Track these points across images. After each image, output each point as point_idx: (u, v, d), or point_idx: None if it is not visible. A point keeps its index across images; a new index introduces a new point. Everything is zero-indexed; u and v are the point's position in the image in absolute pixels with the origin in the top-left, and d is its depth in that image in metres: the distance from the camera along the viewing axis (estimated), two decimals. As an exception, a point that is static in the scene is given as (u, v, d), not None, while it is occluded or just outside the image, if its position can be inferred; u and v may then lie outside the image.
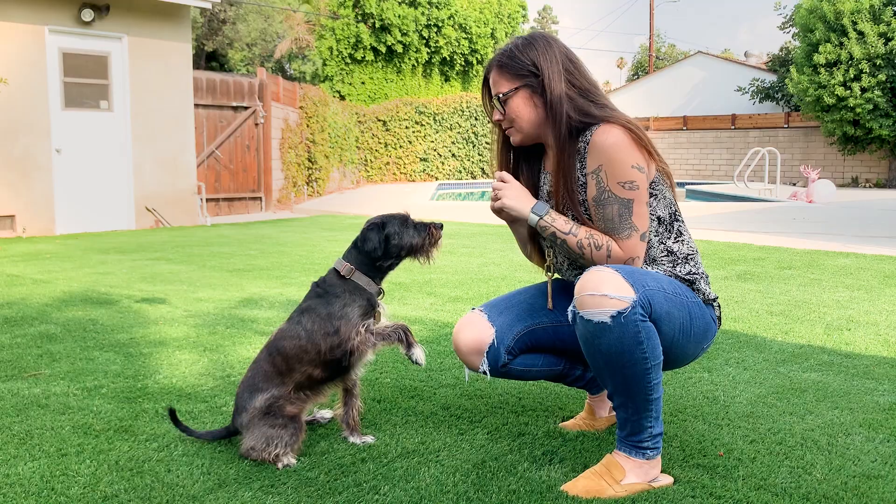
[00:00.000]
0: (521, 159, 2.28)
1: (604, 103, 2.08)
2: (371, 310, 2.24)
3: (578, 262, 2.16)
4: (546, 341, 2.28)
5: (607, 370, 1.93)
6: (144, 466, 2.13)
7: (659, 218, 2.09)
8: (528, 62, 2.08)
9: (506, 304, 2.32)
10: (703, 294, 2.10)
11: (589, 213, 2.09)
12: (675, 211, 2.13)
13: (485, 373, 2.25)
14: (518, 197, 2.11)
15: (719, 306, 2.17)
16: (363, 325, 2.21)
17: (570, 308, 1.94)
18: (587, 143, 2.03)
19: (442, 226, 2.30)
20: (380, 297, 2.30)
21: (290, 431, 2.13)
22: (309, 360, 2.20)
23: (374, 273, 2.27)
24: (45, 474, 2.07)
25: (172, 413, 2.29)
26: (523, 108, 2.10)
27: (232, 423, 2.24)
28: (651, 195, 2.07)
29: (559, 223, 2.06)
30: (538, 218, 2.08)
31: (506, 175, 2.14)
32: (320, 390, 2.28)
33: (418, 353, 2.22)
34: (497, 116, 2.17)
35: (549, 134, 2.10)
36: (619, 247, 2.03)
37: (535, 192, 2.27)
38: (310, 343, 2.20)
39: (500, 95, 2.12)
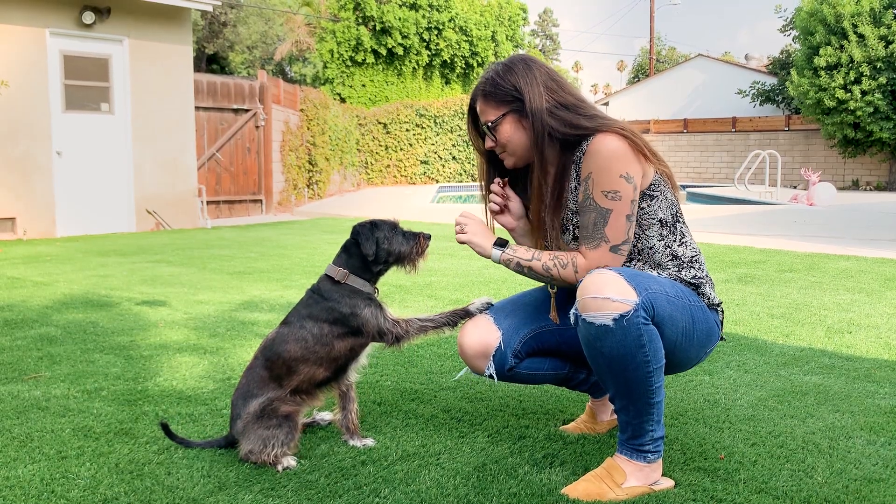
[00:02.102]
0: (507, 176, 2.29)
1: (593, 114, 2.07)
2: (378, 307, 2.26)
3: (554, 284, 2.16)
4: (551, 344, 2.27)
5: (609, 373, 1.93)
6: (145, 469, 2.12)
7: (662, 220, 2.08)
8: (510, 87, 2.10)
9: (512, 306, 2.32)
10: (708, 298, 2.09)
11: (577, 226, 2.11)
12: (678, 212, 2.12)
13: (491, 376, 2.25)
14: (480, 233, 2.17)
15: (723, 311, 2.17)
16: (388, 314, 2.26)
17: (573, 310, 1.95)
18: (583, 153, 2.04)
19: (430, 236, 2.32)
20: (376, 296, 2.31)
21: (285, 430, 2.13)
22: (316, 359, 2.21)
23: (367, 276, 2.28)
24: (45, 477, 2.07)
25: (165, 426, 2.29)
26: (513, 133, 2.12)
27: (229, 432, 2.24)
28: (651, 197, 2.06)
29: (521, 252, 2.11)
30: (500, 252, 2.13)
31: (467, 211, 2.21)
32: (316, 393, 2.28)
33: (477, 304, 2.31)
34: (489, 144, 2.19)
35: (536, 152, 2.10)
36: (585, 257, 2.04)
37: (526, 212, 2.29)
38: (319, 344, 2.21)
39: (489, 123, 2.14)
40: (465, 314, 2.30)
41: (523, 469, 2.12)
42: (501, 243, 2.14)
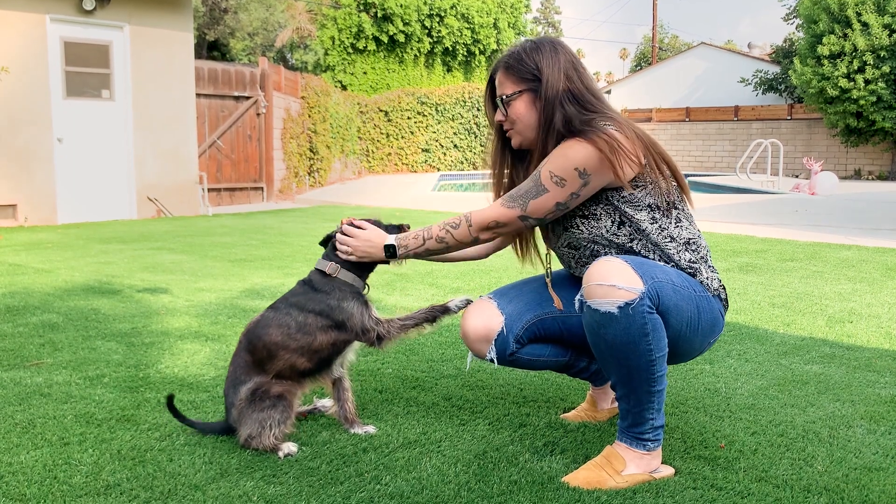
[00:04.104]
0: (515, 161, 2.29)
1: (590, 117, 2.03)
2: (366, 304, 2.25)
3: (459, 255, 2.25)
4: (554, 331, 2.28)
5: (612, 360, 1.94)
6: (146, 455, 2.13)
7: (652, 205, 2.05)
8: (532, 66, 2.09)
9: (516, 292, 2.32)
10: (706, 284, 2.07)
11: (573, 225, 2.12)
12: (674, 201, 2.09)
13: (492, 360, 2.26)
14: (368, 245, 2.22)
15: (724, 288, 2.15)
16: (374, 313, 2.24)
17: (578, 297, 1.95)
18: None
19: (409, 226, 2.33)
20: (365, 293, 2.30)
21: (279, 409, 2.14)
22: (297, 346, 2.20)
23: (358, 271, 2.28)
24: (48, 463, 2.08)
25: (170, 400, 2.29)
26: (525, 112, 2.12)
27: (226, 421, 2.25)
28: (635, 187, 2.03)
29: (410, 243, 2.18)
30: (394, 259, 2.21)
31: (347, 227, 2.26)
32: (301, 381, 2.28)
33: (456, 302, 2.29)
34: (499, 117, 2.18)
35: (541, 138, 2.10)
36: (486, 210, 2.09)
37: None
38: (300, 332, 2.20)
39: (504, 97, 2.13)
40: (444, 310, 2.29)
41: (524, 457, 2.13)
42: (391, 253, 2.20)
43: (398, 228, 2.29)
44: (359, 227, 2.26)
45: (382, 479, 1.98)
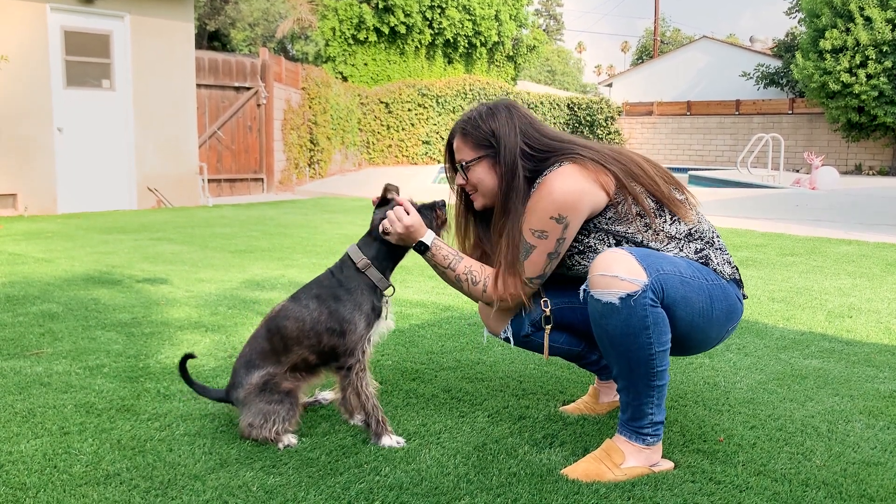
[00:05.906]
0: (479, 223, 2.33)
1: (543, 166, 2.08)
2: (376, 317, 2.23)
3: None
4: (571, 321, 2.29)
5: (612, 351, 1.94)
6: (146, 445, 2.13)
7: (641, 212, 2.04)
8: (488, 132, 2.13)
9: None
10: (721, 270, 2.05)
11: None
12: (659, 198, 2.09)
13: (507, 339, 2.30)
14: (406, 230, 2.16)
15: (738, 269, 2.13)
16: (367, 342, 2.21)
17: (583, 287, 1.98)
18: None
19: (444, 203, 2.31)
20: (388, 293, 2.27)
21: (286, 406, 2.14)
22: (308, 345, 2.20)
23: (388, 264, 2.26)
24: (48, 452, 2.08)
25: (184, 361, 2.29)
26: (485, 176, 2.16)
27: (227, 395, 2.25)
28: (616, 204, 2.04)
29: (439, 254, 2.18)
30: (423, 249, 2.17)
31: (405, 203, 2.22)
32: (315, 372, 2.28)
33: (386, 440, 2.16)
34: (460, 181, 2.23)
35: (501, 199, 2.13)
36: (497, 281, 2.12)
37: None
38: (312, 331, 2.20)
39: (463, 163, 2.17)
40: (382, 431, 2.19)
41: (523, 449, 2.13)
42: (421, 248, 2.19)
43: (431, 208, 2.29)
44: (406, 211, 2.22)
45: (382, 470, 1.98)
